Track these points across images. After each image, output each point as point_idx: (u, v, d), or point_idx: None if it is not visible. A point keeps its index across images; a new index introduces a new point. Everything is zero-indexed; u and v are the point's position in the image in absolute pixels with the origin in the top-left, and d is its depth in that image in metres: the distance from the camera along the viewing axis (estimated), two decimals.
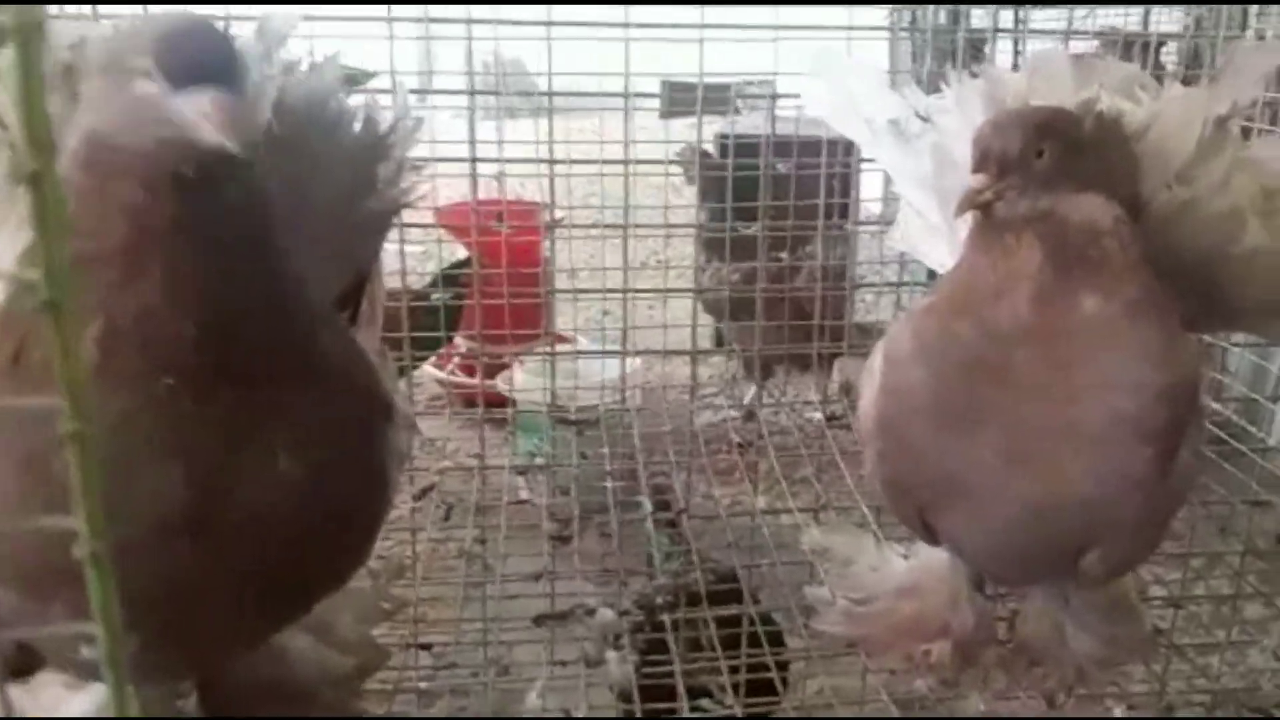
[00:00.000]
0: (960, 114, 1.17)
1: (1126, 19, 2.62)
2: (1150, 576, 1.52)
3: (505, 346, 1.96)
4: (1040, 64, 1.16)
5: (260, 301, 0.82)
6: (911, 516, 1.15)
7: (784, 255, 2.35)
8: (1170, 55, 2.57)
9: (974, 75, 1.23)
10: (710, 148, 2.86)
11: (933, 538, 1.17)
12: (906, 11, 2.57)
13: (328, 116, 1.14)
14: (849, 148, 2.06)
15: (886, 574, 1.38)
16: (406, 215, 1.80)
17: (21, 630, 0.69)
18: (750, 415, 2.71)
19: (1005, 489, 1.02)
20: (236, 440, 0.81)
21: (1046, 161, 0.96)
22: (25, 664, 0.94)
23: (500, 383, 2.25)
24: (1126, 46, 2.25)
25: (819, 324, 2.02)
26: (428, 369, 2.29)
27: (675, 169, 2.29)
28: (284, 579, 0.89)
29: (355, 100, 1.16)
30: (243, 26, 1.09)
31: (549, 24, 1.67)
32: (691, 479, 1.86)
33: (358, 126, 1.15)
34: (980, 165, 0.97)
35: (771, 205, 1.92)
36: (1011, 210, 0.97)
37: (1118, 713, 1.30)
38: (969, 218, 1.06)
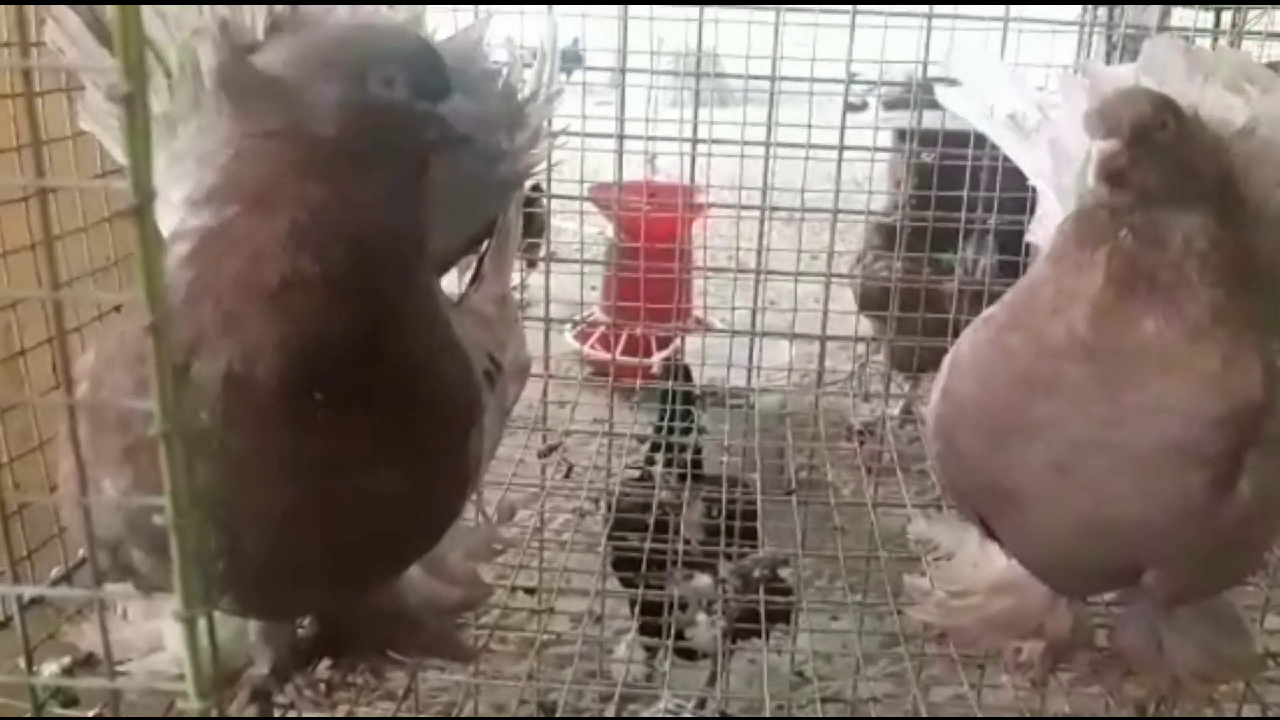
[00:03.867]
0: (1068, 108, 1.15)
1: None
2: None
3: (639, 321, 2.00)
4: (1150, 56, 1.12)
5: (377, 335, 0.86)
6: (973, 519, 1.15)
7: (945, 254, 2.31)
8: None
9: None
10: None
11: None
12: (1103, 8, 2.48)
13: (470, 79, 1.21)
14: None
15: (985, 569, 1.36)
16: (556, 187, 1.91)
17: (101, 499, 0.78)
18: (908, 412, 2.69)
19: (1054, 503, 1.00)
20: (344, 455, 0.87)
21: (1169, 136, 0.93)
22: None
23: (655, 362, 2.31)
24: None
25: (954, 319, 1.97)
26: (569, 340, 2.37)
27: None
28: (377, 557, 0.99)
29: (496, 64, 1.22)
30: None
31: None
32: (810, 463, 1.88)
33: (498, 90, 1.22)
34: (1112, 131, 0.93)
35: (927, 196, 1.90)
36: (1142, 187, 0.94)
37: None
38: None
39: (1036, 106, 1.21)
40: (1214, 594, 1.16)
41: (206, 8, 0.98)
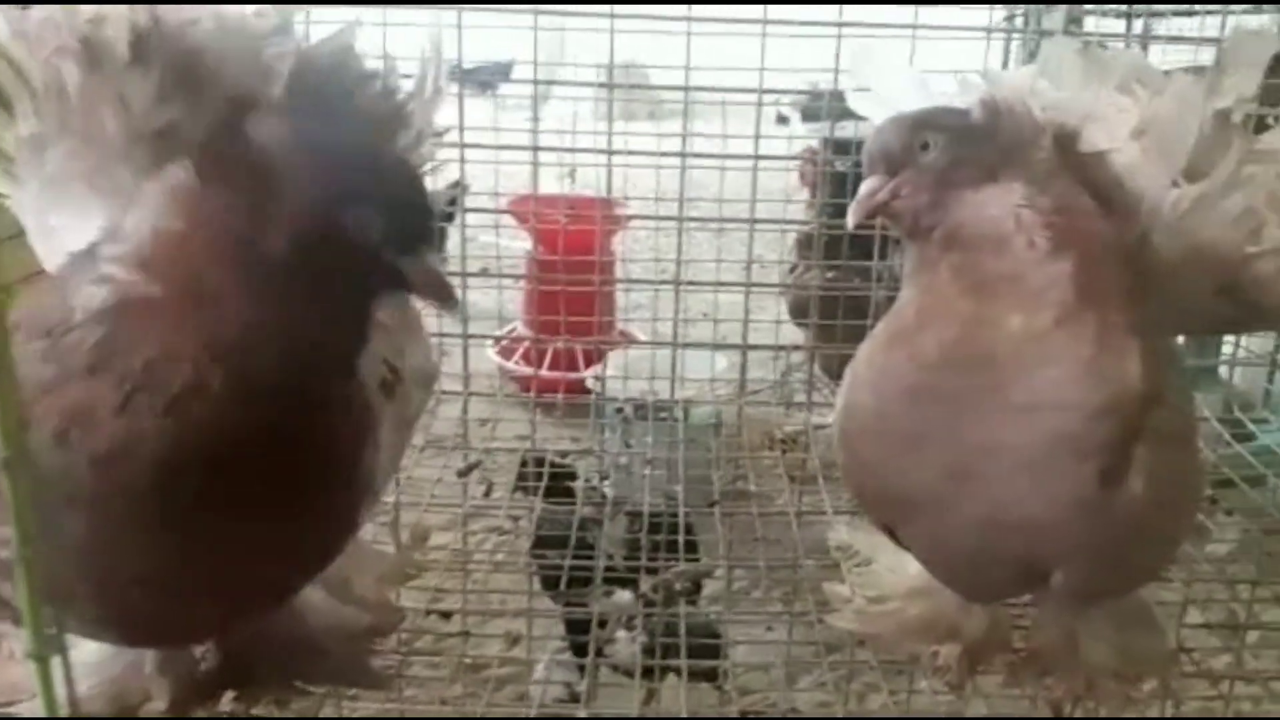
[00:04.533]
0: None
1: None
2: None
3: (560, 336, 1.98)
4: (1047, 58, 1.14)
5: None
6: (880, 526, 1.15)
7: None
8: None
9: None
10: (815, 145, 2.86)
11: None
12: (1018, 16, 2.52)
13: (346, 81, 1.17)
14: None
15: (901, 575, 1.36)
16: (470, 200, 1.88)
17: None
18: None
19: (953, 509, 1.00)
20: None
21: (935, 154, 0.95)
22: None
23: (589, 376, 2.29)
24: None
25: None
26: (491, 357, 2.35)
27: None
28: (262, 588, 0.95)
29: (373, 65, 1.19)
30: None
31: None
32: (734, 473, 1.87)
33: (377, 90, 1.19)
34: (869, 169, 0.97)
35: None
36: (914, 211, 0.96)
37: None
38: None
39: None
40: (1126, 590, 1.16)
41: (65, 27, 0.95)
